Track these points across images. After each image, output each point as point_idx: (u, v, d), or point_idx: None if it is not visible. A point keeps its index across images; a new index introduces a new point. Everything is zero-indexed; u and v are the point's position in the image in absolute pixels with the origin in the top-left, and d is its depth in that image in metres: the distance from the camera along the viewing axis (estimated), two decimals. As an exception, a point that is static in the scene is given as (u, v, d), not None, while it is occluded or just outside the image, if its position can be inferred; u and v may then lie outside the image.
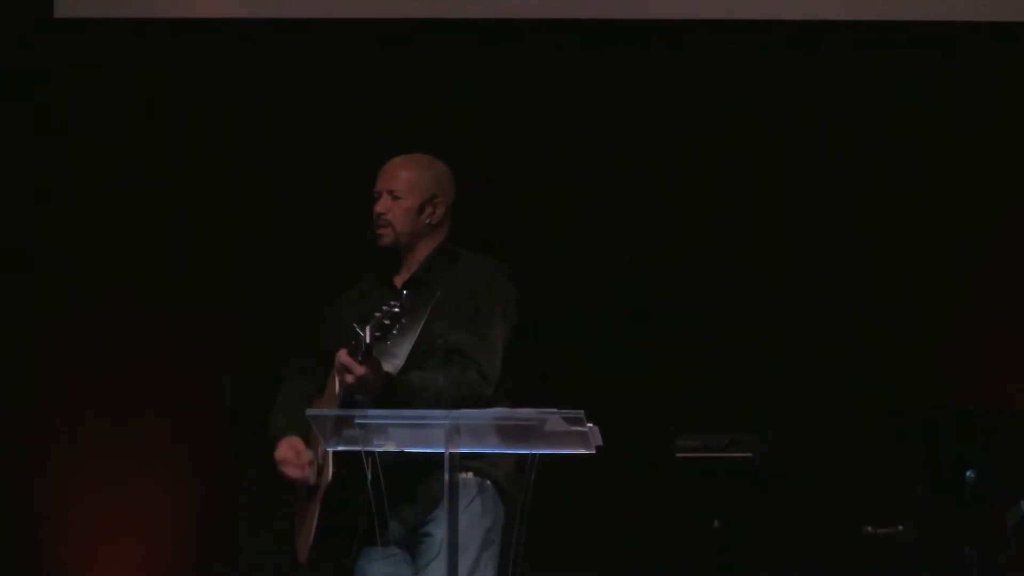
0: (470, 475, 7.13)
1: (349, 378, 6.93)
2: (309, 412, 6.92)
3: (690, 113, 9.66)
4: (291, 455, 7.21)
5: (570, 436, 6.60)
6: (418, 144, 7.73)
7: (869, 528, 8.82)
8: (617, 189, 9.60)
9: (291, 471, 7.22)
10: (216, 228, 9.44)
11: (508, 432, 6.68)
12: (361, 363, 6.91)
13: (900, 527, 8.79)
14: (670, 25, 9.64)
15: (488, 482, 7.17)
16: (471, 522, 7.15)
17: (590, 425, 6.56)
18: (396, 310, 6.92)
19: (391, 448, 6.82)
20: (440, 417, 6.64)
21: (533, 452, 6.75)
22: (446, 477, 6.58)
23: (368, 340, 6.89)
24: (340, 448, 6.89)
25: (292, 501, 7.50)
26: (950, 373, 9.26)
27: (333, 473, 7.16)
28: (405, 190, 7.25)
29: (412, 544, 7.29)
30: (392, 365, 7.12)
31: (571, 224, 9.55)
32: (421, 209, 7.26)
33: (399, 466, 7.03)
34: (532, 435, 6.65)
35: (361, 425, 6.71)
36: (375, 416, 6.75)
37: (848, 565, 9.07)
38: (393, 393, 6.96)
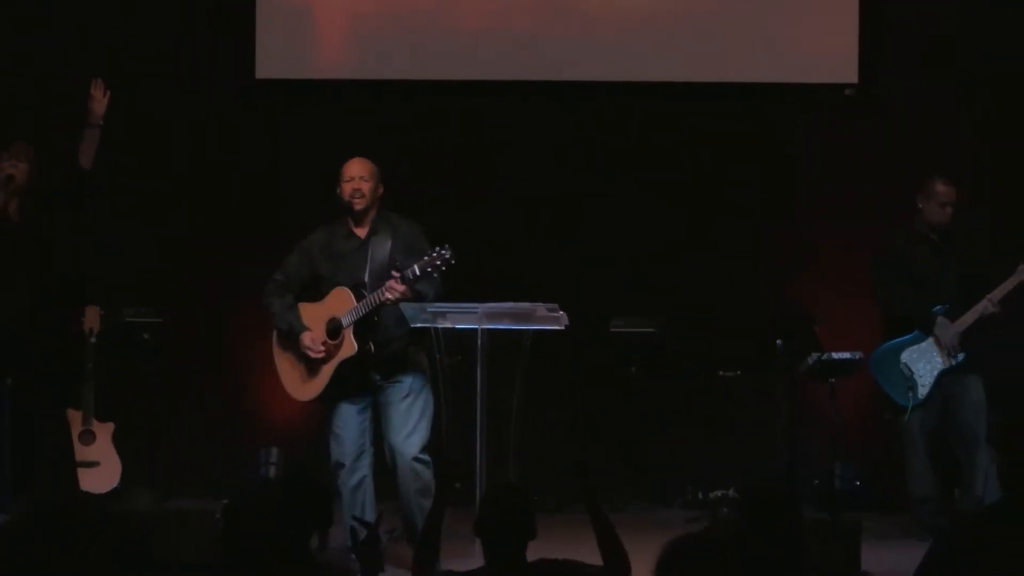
0: (423, 355, 7.16)
1: (395, 295, 6.91)
2: (404, 305, 6.90)
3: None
4: (312, 344, 7.16)
5: (550, 318, 6.83)
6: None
7: (721, 372, 9.03)
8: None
9: (313, 354, 7.15)
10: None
11: (514, 316, 6.84)
12: (404, 286, 6.92)
13: (739, 372, 9.02)
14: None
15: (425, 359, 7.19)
16: (423, 378, 7.19)
17: (561, 312, 6.81)
18: (447, 257, 6.89)
19: (448, 325, 6.91)
20: (475, 307, 6.80)
21: (529, 328, 6.93)
22: (478, 343, 6.75)
23: (417, 273, 6.90)
24: (420, 325, 6.92)
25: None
26: (770, 287, 9.10)
27: (357, 348, 7.10)
28: (369, 176, 7.26)
29: (384, 390, 7.19)
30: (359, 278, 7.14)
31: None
32: (375, 189, 7.25)
33: (387, 343, 7.14)
34: (528, 318, 6.86)
35: (432, 312, 6.92)
36: (440, 307, 6.92)
37: (707, 394, 9.05)
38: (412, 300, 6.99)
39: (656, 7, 9.16)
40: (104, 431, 8.36)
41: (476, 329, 6.80)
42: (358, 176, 7.28)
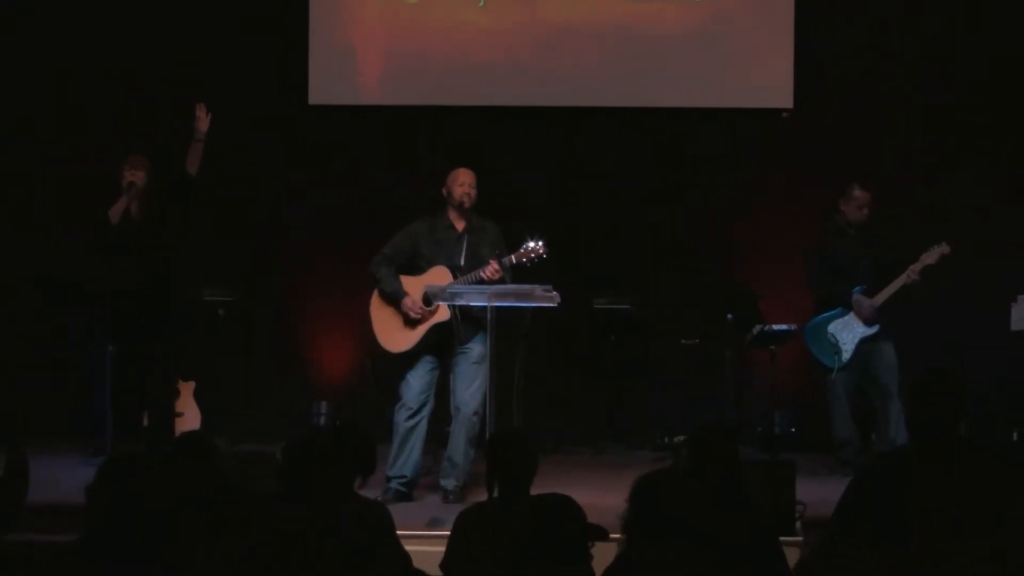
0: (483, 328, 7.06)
1: (494, 275, 6.91)
2: (428, 288, 7.00)
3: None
4: (412, 306, 7.10)
5: (546, 297, 6.79)
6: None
7: (683, 340, 8.93)
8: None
9: (412, 315, 7.08)
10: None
11: (517, 295, 6.84)
12: (500, 270, 6.95)
13: (697, 340, 8.89)
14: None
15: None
16: (486, 346, 6.95)
17: (555, 292, 6.78)
18: (540, 251, 6.94)
19: (464, 303, 6.95)
20: (486, 289, 6.83)
21: (529, 305, 6.98)
22: (488, 317, 6.73)
23: (514, 261, 6.98)
24: (443, 302, 6.99)
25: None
26: (723, 272, 9.01)
27: (451, 315, 7.12)
28: (475, 183, 7.23)
29: (458, 353, 7.12)
30: (456, 262, 7.18)
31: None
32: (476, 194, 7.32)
33: (464, 312, 7.11)
34: (528, 297, 6.84)
35: (451, 291, 6.92)
36: (456, 288, 6.94)
37: (672, 358, 8.98)
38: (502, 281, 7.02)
39: (634, 49, 9.16)
40: (187, 388, 8.37)
41: (486, 306, 6.77)
42: (469, 183, 7.24)
